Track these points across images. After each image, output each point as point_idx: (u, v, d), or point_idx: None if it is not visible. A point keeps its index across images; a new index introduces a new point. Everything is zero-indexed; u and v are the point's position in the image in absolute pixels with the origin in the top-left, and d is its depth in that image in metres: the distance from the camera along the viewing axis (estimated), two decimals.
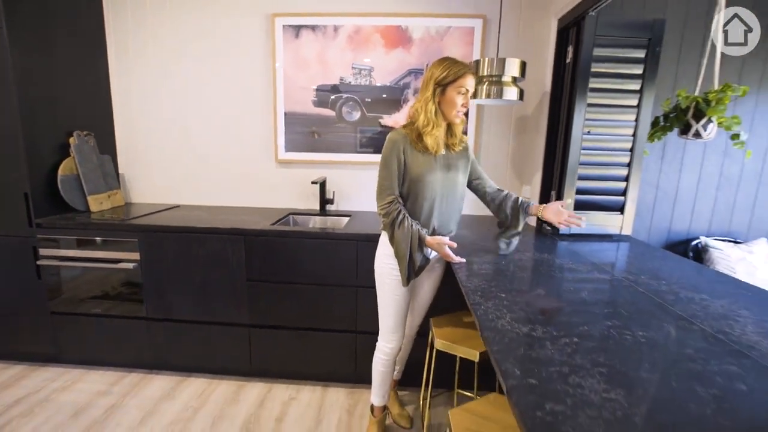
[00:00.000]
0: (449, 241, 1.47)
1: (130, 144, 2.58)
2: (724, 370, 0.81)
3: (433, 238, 1.47)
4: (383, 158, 1.49)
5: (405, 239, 1.45)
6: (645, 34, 1.87)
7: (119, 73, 2.50)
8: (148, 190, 2.65)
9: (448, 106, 1.44)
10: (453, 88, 1.42)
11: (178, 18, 2.41)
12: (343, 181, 2.54)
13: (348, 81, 2.42)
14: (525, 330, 0.96)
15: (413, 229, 1.45)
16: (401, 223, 1.45)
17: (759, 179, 2.53)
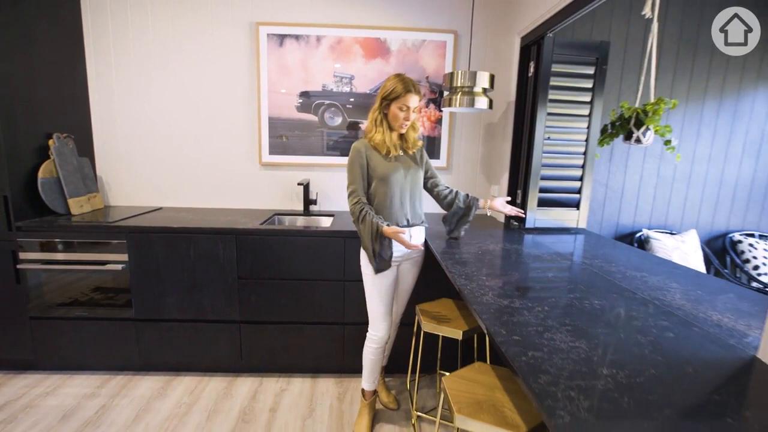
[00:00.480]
0: (401, 228, 1.62)
1: (109, 147, 2.58)
2: (658, 324, 1.03)
3: (389, 227, 1.61)
4: (348, 165, 1.68)
5: (366, 231, 1.63)
6: (593, 54, 2.16)
7: (98, 76, 2.50)
8: (127, 193, 2.65)
9: (392, 118, 1.66)
10: (396, 104, 1.63)
11: (161, 24, 2.45)
12: (325, 183, 2.68)
13: (330, 88, 2.56)
14: (505, 303, 1.15)
15: (373, 221, 1.61)
16: (363, 219, 1.63)
17: (688, 180, 2.93)
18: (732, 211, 2.99)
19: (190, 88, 2.53)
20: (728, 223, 3.00)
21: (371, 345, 1.82)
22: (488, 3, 2.52)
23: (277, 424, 1.88)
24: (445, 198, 1.90)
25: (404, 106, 1.62)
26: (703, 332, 1.00)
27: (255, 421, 1.90)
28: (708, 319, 1.08)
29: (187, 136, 2.58)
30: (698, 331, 1.00)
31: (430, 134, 2.67)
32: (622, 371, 0.80)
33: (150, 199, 2.65)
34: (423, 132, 2.65)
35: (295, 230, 2.11)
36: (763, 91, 2.87)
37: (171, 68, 2.50)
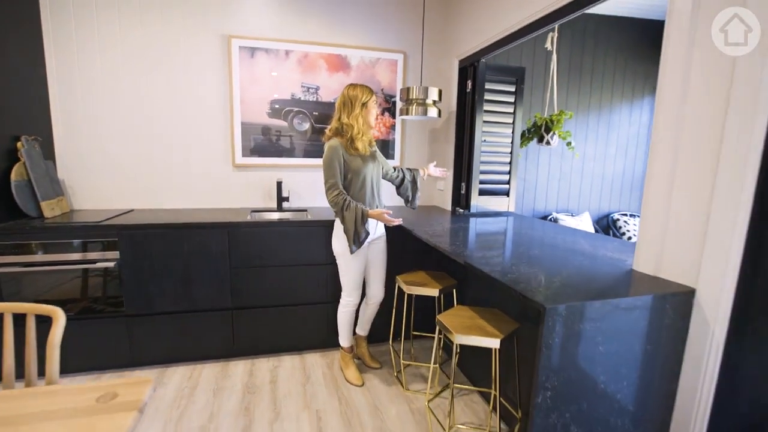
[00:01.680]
0: (386, 210, 2.05)
1: (71, 150, 2.56)
2: (578, 259, 1.58)
3: (374, 210, 2.03)
4: (327, 161, 2.01)
5: (352, 217, 1.99)
6: (513, 76, 2.79)
7: (60, 79, 2.48)
8: (91, 197, 2.64)
9: (370, 117, 2.07)
10: (367, 109, 2.05)
11: (129, 30, 2.53)
12: (296, 182, 2.95)
13: (298, 97, 2.86)
14: (479, 254, 1.62)
15: (358, 207, 2.00)
16: (348, 206, 1.99)
17: (581, 174, 3.77)
18: (611, 197, 3.91)
19: (162, 93, 2.63)
20: (609, 206, 3.92)
21: (345, 309, 2.22)
22: (431, 29, 3.04)
23: (281, 391, 2.14)
24: (396, 177, 2.35)
25: (375, 104, 2.07)
26: (603, 261, 1.57)
27: (259, 392, 2.13)
28: (604, 255, 1.66)
29: (158, 139, 2.67)
30: (600, 261, 1.57)
31: (385, 138, 3.11)
32: (567, 280, 1.30)
33: (116, 202, 2.67)
34: (379, 135, 3.08)
35: (283, 222, 2.38)
36: (625, 106, 3.83)
37: (141, 74, 2.58)
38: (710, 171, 1.18)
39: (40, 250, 2.07)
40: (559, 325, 1.08)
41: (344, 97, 2.03)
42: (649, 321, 1.19)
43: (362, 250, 2.12)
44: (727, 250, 1.13)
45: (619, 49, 3.71)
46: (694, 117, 1.23)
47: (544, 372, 1.10)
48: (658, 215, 1.34)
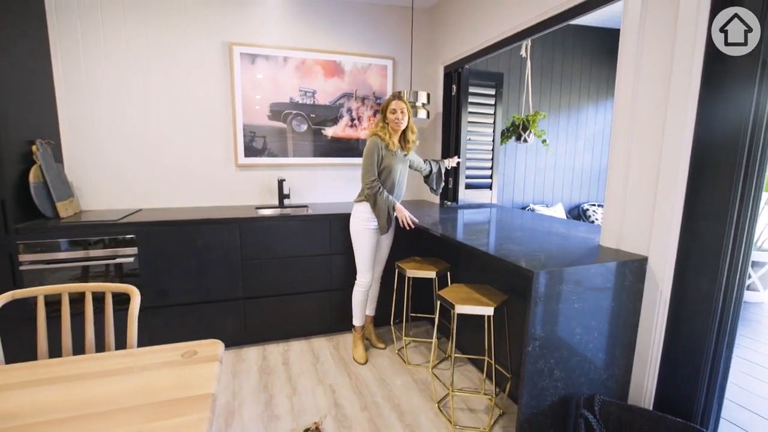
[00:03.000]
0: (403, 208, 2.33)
1: (78, 152, 2.67)
2: (555, 239, 1.87)
3: (400, 206, 2.31)
4: (368, 151, 2.28)
5: (384, 204, 2.28)
6: (493, 80, 3.09)
7: (67, 84, 2.59)
8: (99, 198, 2.75)
9: (390, 122, 2.33)
10: (389, 110, 2.32)
11: (134, 36, 2.67)
12: (296, 180, 3.15)
13: (296, 100, 3.06)
14: (472, 238, 1.88)
15: (389, 197, 2.30)
16: (382, 193, 2.28)
17: (554, 168, 4.13)
18: (581, 189, 4.29)
19: (164, 97, 2.77)
20: (580, 197, 4.30)
21: (359, 289, 2.44)
22: (419, 38, 3.30)
23: (294, 371, 2.35)
24: (425, 169, 2.65)
25: (393, 110, 2.30)
26: (576, 240, 1.86)
27: (274, 372, 2.33)
28: (577, 236, 1.96)
29: (162, 141, 2.81)
30: (573, 240, 1.87)
31: None
32: (547, 254, 1.58)
33: (124, 202, 2.79)
34: None
35: (289, 216, 2.58)
36: (591, 106, 4.21)
37: (147, 79, 2.72)
38: (656, 159, 1.48)
39: (62, 247, 2.20)
40: (544, 287, 1.35)
41: (382, 107, 2.38)
42: (614, 283, 1.48)
43: (376, 235, 2.38)
44: (669, 222, 1.44)
45: (584, 55, 4.08)
46: (643, 112, 1.53)
47: (533, 326, 1.37)
48: (618, 199, 1.64)
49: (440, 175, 2.71)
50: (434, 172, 2.68)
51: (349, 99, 3.19)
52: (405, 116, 2.33)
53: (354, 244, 2.42)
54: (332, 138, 3.20)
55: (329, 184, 3.25)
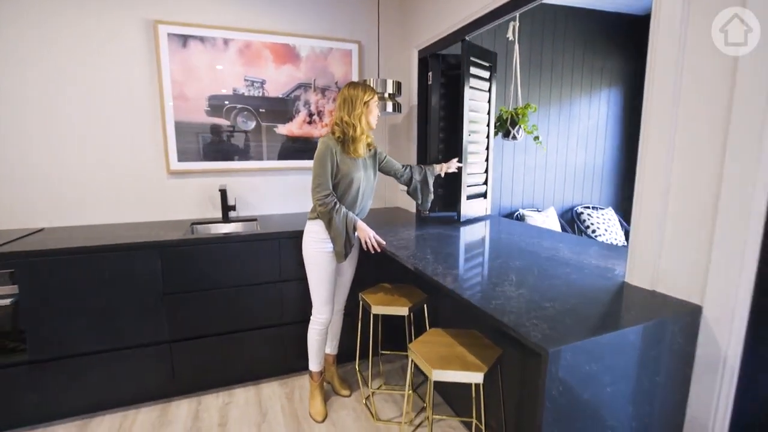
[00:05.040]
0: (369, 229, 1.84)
1: None
2: (563, 271, 1.41)
3: (363, 225, 1.83)
4: (319, 159, 1.78)
5: (342, 224, 1.79)
6: (488, 61, 2.60)
7: None
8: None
9: (371, 117, 1.85)
10: (369, 107, 1.83)
11: (35, 17, 2.08)
12: (243, 188, 2.62)
13: (241, 92, 2.52)
14: (455, 272, 1.41)
15: (349, 215, 1.81)
16: (338, 210, 1.78)
17: (545, 167, 3.70)
18: (574, 190, 3.88)
19: (75, 90, 2.20)
20: (573, 199, 3.89)
21: (316, 327, 1.95)
22: (388, 18, 2.80)
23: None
24: (401, 176, 2.12)
25: (375, 102, 1.85)
26: (591, 272, 1.41)
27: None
28: (590, 264, 1.51)
29: (73, 144, 2.24)
30: (588, 272, 1.41)
31: None
32: (560, 305, 1.11)
33: (24, 220, 2.22)
34: None
35: (228, 236, 2.06)
36: (584, 98, 3.80)
37: (49, 68, 2.14)
38: (715, 168, 1.03)
39: None
40: (564, 370, 0.88)
41: (344, 95, 1.82)
42: (658, 350, 1.02)
43: (333, 260, 1.89)
44: (740, 257, 0.99)
45: (576, 42, 3.66)
46: (690, 110, 1.07)
47: (548, 425, 0.90)
48: (653, 222, 1.19)
49: (426, 185, 2.14)
50: (417, 181, 2.13)
51: (307, 90, 2.67)
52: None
53: (308, 271, 1.92)
54: (287, 137, 2.68)
55: (284, 192, 2.73)
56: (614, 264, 1.50)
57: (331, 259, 1.88)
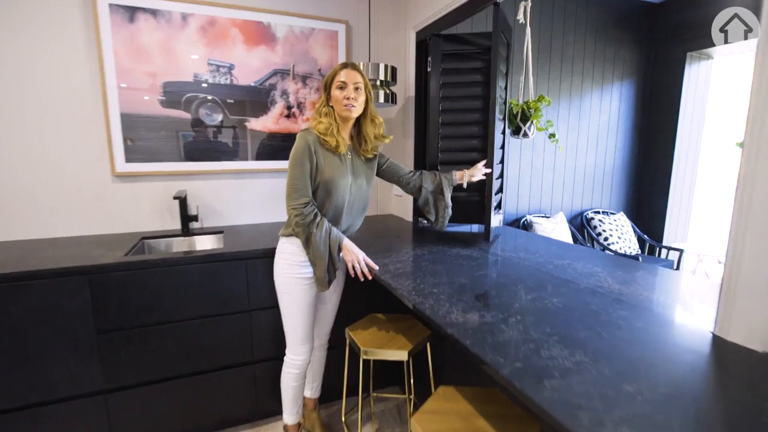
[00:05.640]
0: (359, 251, 1.45)
1: None
2: (620, 315, 1.04)
3: (349, 242, 1.44)
4: (295, 157, 1.41)
5: (324, 241, 1.40)
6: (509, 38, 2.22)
7: None
8: None
9: (335, 103, 1.45)
10: (334, 86, 1.44)
11: None
12: (208, 194, 2.20)
13: (205, 79, 2.10)
14: (476, 318, 1.02)
15: (333, 231, 1.42)
16: (319, 225, 1.40)
17: (553, 168, 3.35)
18: (584, 193, 3.54)
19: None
20: (582, 203, 3.54)
21: (292, 371, 1.56)
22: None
23: None
24: (408, 184, 1.71)
25: (338, 82, 1.42)
26: (656, 314, 1.04)
27: None
28: (647, 299, 1.14)
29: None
30: (652, 315, 1.04)
31: None
32: (642, 385, 0.73)
33: None
34: None
35: (180, 258, 1.64)
36: (596, 92, 3.45)
37: None
38: None
39: None
40: None
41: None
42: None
43: (313, 287, 1.50)
44: None
45: (587, 28, 3.30)
46: None
47: None
48: (763, 254, 0.82)
49: (442, 198, 1.68)
50: (428, 191, 1.70)
51: (285, 78, 2.26)
52: (361, 96, 1.45)
53: (281, 302, 1.53)
54: (261, 133, 2.26)
55: (258, 199, 2.32)
56: (673, 298, 1.14)
57: (310, 287, 1.49)
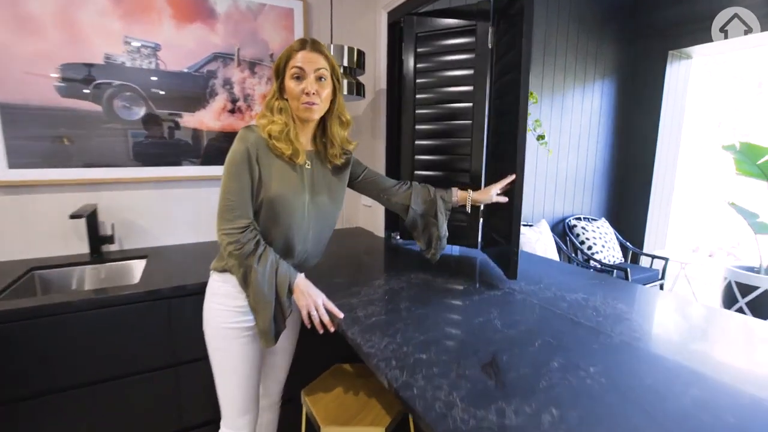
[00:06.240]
0: (319, 292, 1.08)
1: None
2: (694, 397, 0.73)
3: (304, 281, 1.07)
4: (231, 166, 1.01)
5: (269, 280, 1.01)
6: None
7: None
8: None
9: (291, 99, 1.05)
10: (288, 74, 1.04)
11: None
12: (128, 208, 1.74)
13: (121, 61, 1.64)
14: (494, 417, 0.68)
15: (281, 266, 1.04)
16: (262, 258, 1.01)
17: (535, 172, 3.10)
18: (565, 199, 3.32)
19: None
20: (563, 209, 3.32)
21: None
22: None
23: None
24: (391, 200, 1.31)
25: (297, 70, 1.02)
26: (734, 394, 0.74)
27: None
28: (722, 362, 0.84)
29: None
30: (749, 401, 0.74)
31: None
32: None
33: None
34: None
35: (76, 301, 1.19)
36: (578, 90, 3.23)
37: None
38: None
39: None
40: None
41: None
42: None
43: (257, 341, 1.09)
44: None
45: (572, 20, 3.07)
46: None
47: None
48: None
49: (434, 224, 1.30)
50: (418, 214, 1.30)
51: (227, 64, 1.84)
52: (326, 88, 1.06)
53: (211, 358, 1.12)
54: (198, 132, 1.83)
55: (193, 212, 1.88)
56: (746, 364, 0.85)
57: (252, 340, 1.10)
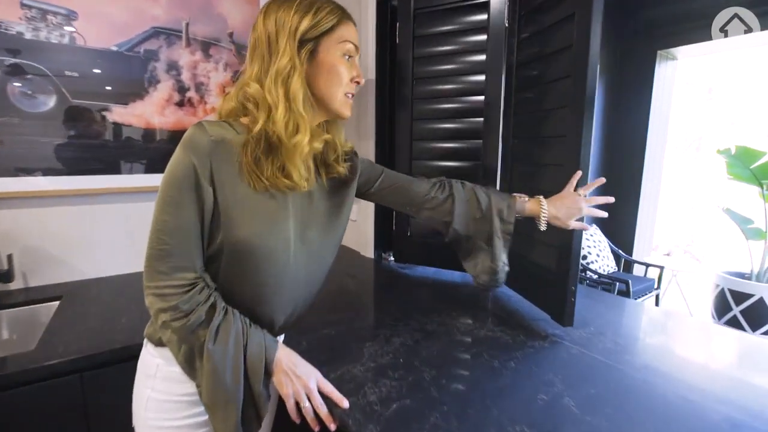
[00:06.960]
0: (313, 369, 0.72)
1: None
2: None
3: (289, 357, 0.70)
4: (168, 188, 0.62)
5: (234, 364, 0.63)
6: None
7: None
8: None
9: (327, 79, 0.67)
10: (334, 49, 0.67)
11: None
12: (33, 231, 1.29)
13: (15, 31, 1.19)
14: None
15: (252, 337, 0.66)
16: (221, 331, 0.63)
17: None
18: None
19: None
20: None
21: None
22: None
23: None
24: (429, 217, 0.90)
25: (352, 46, 0.68)
26: None
27: None
28: None
29: None
30: None
31: None
32: None
33: None
34: None
35: None
36: None
37: None
38: None
39: None
40: None
41: (257, 30, 0.66)
42: None
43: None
44: None
45: None
46: None
47: None
48: None
49: (498, 249, 0.88)
50: (463, 237, 0.90)
51: (173, 43, 1.43)
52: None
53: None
54: (133, 130, 1.40)
55: (125, 234, 1.44)
56: None
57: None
